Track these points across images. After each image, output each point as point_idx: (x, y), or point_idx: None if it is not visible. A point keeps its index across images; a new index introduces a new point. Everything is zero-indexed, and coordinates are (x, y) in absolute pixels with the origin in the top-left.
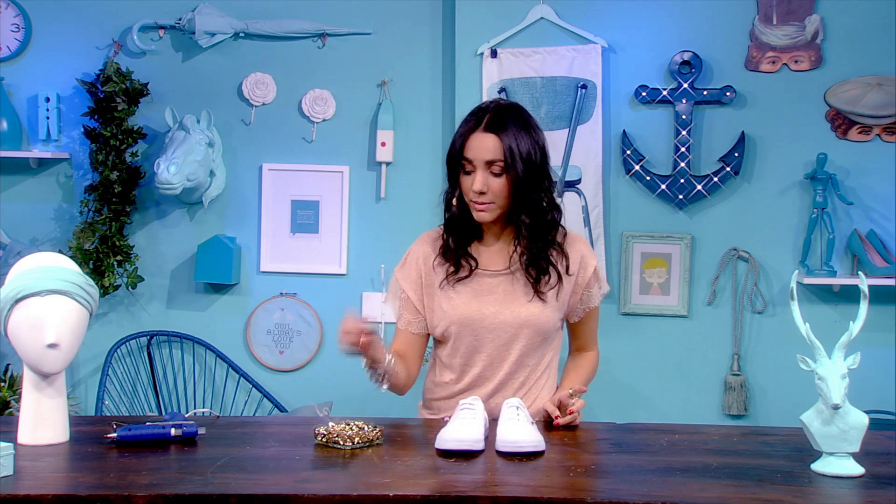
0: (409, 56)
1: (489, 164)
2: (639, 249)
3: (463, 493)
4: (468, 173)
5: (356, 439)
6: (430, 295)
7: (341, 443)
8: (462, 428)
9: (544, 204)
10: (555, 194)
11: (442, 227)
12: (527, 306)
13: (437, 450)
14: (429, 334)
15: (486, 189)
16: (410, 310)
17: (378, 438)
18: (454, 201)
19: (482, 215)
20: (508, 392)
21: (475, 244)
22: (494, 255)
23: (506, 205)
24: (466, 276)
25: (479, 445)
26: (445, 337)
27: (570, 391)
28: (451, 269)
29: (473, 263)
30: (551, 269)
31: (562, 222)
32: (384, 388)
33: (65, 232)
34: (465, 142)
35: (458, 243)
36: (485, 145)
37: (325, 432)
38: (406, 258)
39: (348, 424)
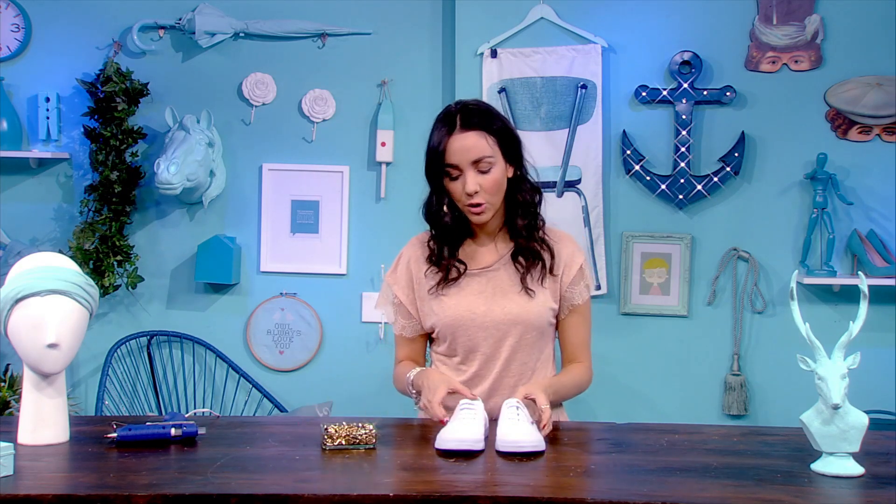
0: (409, 56)
1: (475, 162)
2: (639, 249)
3: (463, 493)
4: (454, 179)
5: (354, 439)
6: (421, 297)
7: (338, 442)
8: (462, 428)
9: (527, 186)
10: (530, 176)
11: (430, 231)
12: (517, 302)
13: (438, 450)
14: (425, 335)
15: (479, 189)
16: (404, 314)
17: (375, 438)
18: (445, 209)
19: (480, 217)
20: (506, 390)
21: (465, 243)
22: (484, 252)
23: (499, 201)
24: (456, 279)
25: (480, 445)
26: (440, 338)
27: (525, 395)
28: (441, 274)
29: (462, 268)
30: (537, 260)
31: (542, 207)
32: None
33: (65, 232)
34: (445, 148)
35: (449, 250)
36: (468, 144)
37: (334, 434)
38: (397, 263)
39: (347, 424)
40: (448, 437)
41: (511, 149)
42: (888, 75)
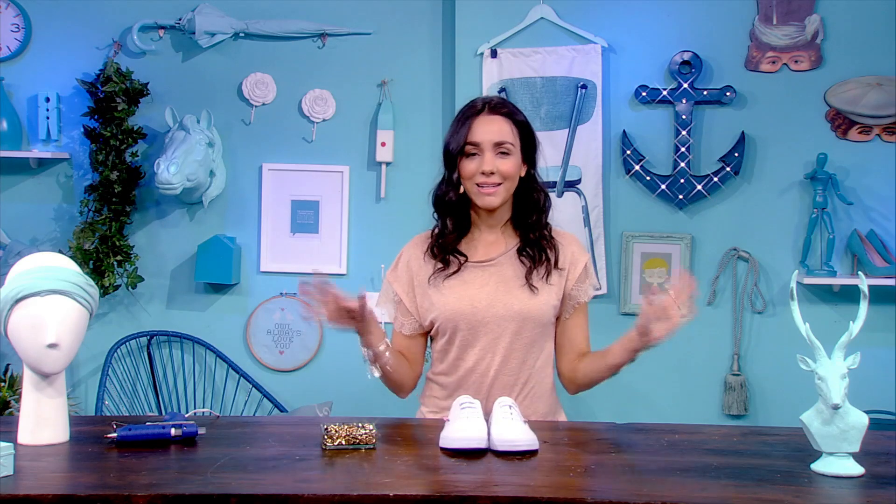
0: (409, 56)
1: (497, 145)
2: (639, 249)
3: (463, 492)
4: (471, 159)
5: (354, 439)
6: (421, 294)
7: (338, 442)
8: (467, 426)
9: (539, 187)
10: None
11: (431, 229)
12: (519, 298)
13: (443, 449)
14: (425, 334)
15: (495, 170)
16: (403, 312)
17: (375, 438)
18: (457, 189)
19: (490, 199)
20: (504, 388)
21: (467, 235)
22: (486, 246)
23: (509, 190)
24: (456, 271)
25: (484, 444)
26: (440, 331)
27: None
28: (440, 265)
29: (463, 259)
30: (543, 257)
31: (551, 211)
32: (376, 373)
33: (65, 232)
34: (470, 126)
35: (455, 232)
36: (493, 127)
37: (334, 434)
38: (397, 261)
39: (347, 424)
40: (453, 436)
41: (528, 146)
42: (888, 75)
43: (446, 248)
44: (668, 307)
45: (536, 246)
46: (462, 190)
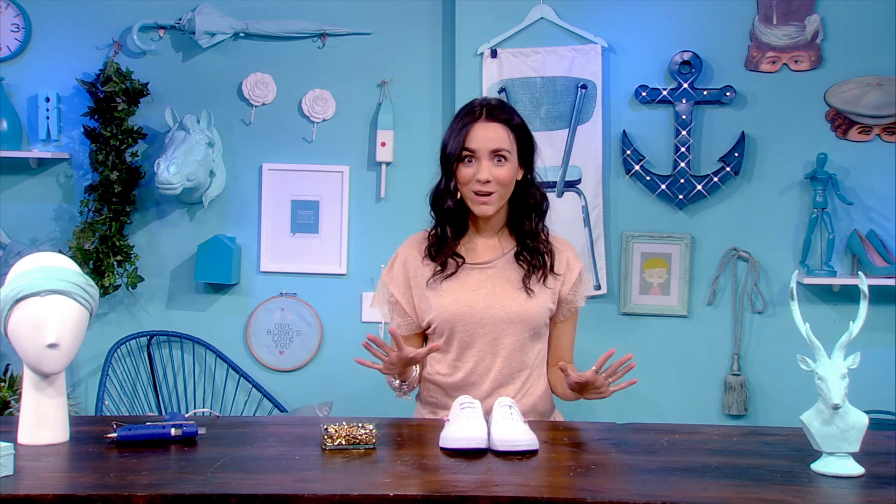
0: (409, 56)
1: (493, 152)
2: (639, 249)
3: (463, 492)
4: (468, 164)
5: (354, 439)
6: (419, 295)
7: (337, 442)
8: (467, 426)
9: (536, 191)
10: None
11: (427, 230)
12: (516, 300)
13: (443, 449)
14: (421, 334)
15: (491, 178)
16: (400, 312)
17: (375, 438)
18: (453, 194)
19: (485, 208)
20: (502, 389)
21: (464, 238)
22: (484, 248)
23: (505, 197)
24: (454, 273)
25: (484, 444)
26: (437, 332)
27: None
28: (438, 267)
29: (460, 261)
30: (540, 261)
31: (549, 215)
32: (406, 397)
33: (65, 232)
34: (467, 132)
35: (453, 236)
36: (490, 135)
37: (334, 434)
38: (393, 262)
39: (347, 424)
40: (454, 437)
41: (526, 150)
42: (888, 75)
43: (444, 251)
44: (598, 385)
45: (534, 250)
46: (459, 196)
